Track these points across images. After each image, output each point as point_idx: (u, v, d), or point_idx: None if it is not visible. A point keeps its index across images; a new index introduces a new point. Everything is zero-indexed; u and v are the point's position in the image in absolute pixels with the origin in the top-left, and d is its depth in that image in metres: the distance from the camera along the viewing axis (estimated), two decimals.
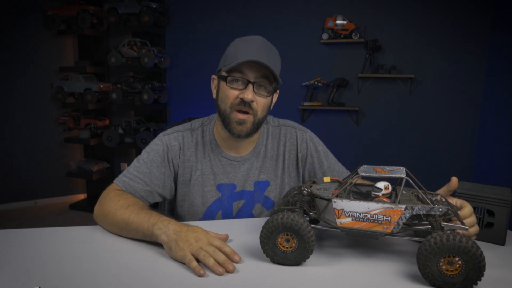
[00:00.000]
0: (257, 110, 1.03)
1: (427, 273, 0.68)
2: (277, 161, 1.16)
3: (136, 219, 0.89)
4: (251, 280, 0.73)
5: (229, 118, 1.03)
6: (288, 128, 1.19)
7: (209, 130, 1.15)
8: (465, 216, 0.82)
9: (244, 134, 1.04)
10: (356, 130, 3.48)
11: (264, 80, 1.02)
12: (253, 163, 1.14)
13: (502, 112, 2.84)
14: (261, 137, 1.16)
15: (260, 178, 1.14)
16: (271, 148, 1.16)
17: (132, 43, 3.49)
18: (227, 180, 1.12)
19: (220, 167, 1.12)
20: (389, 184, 0.78)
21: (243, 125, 1.03)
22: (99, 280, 0.71)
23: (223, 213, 1.12)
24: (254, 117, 1.03)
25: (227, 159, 1.12)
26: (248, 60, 0.97)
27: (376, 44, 3.21)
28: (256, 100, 1.01)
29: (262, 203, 1.13)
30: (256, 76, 1.00)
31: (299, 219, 0.74)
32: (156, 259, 0.81)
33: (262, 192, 1.13)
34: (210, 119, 1.18)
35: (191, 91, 3.83)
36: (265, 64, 0.97)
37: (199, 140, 1.13)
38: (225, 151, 1.13)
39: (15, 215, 3.64)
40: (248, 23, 3.57)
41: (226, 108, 1.03)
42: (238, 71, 1.00)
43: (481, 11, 3.05)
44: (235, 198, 1.13)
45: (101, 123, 3.81)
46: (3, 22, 3.59)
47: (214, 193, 1.12)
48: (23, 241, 0.88)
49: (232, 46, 1.04)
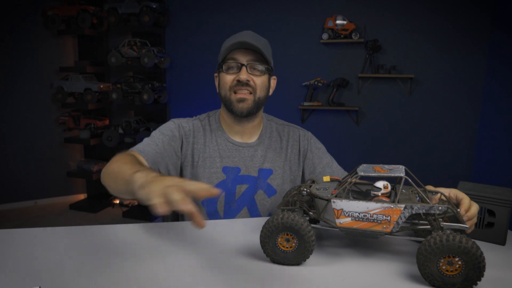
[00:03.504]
0: (255, 88, 1.11)
1: (427, 273, 0.68)
2: (280, 153, 1.22)
3: (126, 167, 0.90)
4: (251, 280, 0.72)
5: (230, 99, 1.12)
6: (292, 127, 1.28)
7: (215, 118, 1.23)
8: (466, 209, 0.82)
9: (245, 111, 1.12)
10: (356, 130, 3.48)
11: (256, 60, 1.10)
12: (257, 151, 1.20)
13: (502, 112, 2.84)
14: (265, 129, 1.24)
15: (264, 166, 1.19)
16: (275, 141, 1.23)
17: (132, 43, 3.49)
18: (232, 164, 1.18)
19: (226, 151, 1.19)
20: (388, 184, 0.78)
21: (244, 102, 1.11)
22: (99, 280, 0.71)
23: (226, 194, 1.16)
24: (254, 95, 1.12)
25: (233, 144, 1.19)
26: (236, 42, 1.06)
27: (376, 44, 3.21)
28: (252, 79, 1.10)
29: (265, 189, 1.18)
30: (248, 59, 1.09)
31: (299, 219, 0.74)
32: (155, 259, 0.81)
33: (265, 179, 1.18)
34: (215, 111, 1.26)
35: (191, 91, 3.83)
36: (252, 44, 1.06)
37: (206, 127, 1.21)
38: (231, 136, 1.20)
39: (15, 215, 3.64)
40: (248, 23, 3.57)
41: (226, 92, 1.12)
42: (231, 58, 1.10)
43: (481, 11, 3.05)
44: (239, 181, 1.17)
45: (101, 123, 3.81)
46: (3, 22, 3.59)
47: (220, 175, 1.16)
48: (23, 241, 0.88)
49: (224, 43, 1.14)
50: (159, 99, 3.71)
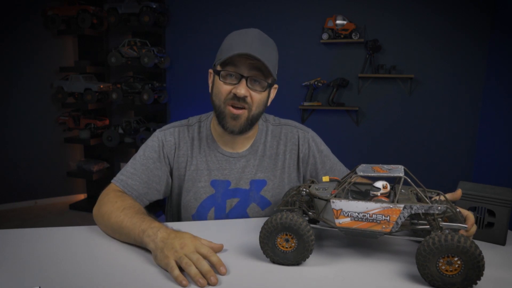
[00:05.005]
0: (251, 105, 1.00)
1: (427, 274, 0.68)
2: (276, 160, 1.13)
3: (129, 223, 0.86)
4: (251, 280, 0.72)
5: (223, 113, 1.01)
6: (289, 127, 1.16)
7: (206, 125, 1.13)
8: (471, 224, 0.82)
9: (237, 129, 1.01)
10: (356, 130, 3.48)
11: (259, 74, 0.98)
12: (250, 161, 1.11)
13: (502, 112, 2.84)
14: (259, 135, 1.13)
15: (256, 177, 1.10)
16: (270, 146, 1.13)
17: (132, 43, 3.49)
18: (222, 177, 1.09)
19: (215, 162, 1.10)
20: (387, 184, 0.78)
21: (237, 120, 1.00)
22: (99, 280, 0.71)
23: (216, 210, 1.09)
24: (249, 113, 1.01)
25: (223, 155, 1.10)
26: (240, 53, 0.93)
27: (376, 44, 3.20)
28: (251, 95, 0.99)
29: (258, 202, 1.10)
30: (250, 70, 0.97)
31: (298, 219, 0.74)
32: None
33: (258, 191, 1.10)
34: (208, 115, 1.16)
35: (191, 91, 3.83)
36: (258, 58, 0.93)
37: (195, 136, 1.11)
38: (222, 146, 1.10)
39: (15, 215, 3.64)
40: (248, 23, 3.56)
41: (220, 103, 1.01)
42: (232, 64, 0.97)
43: (481, 11, 3.05)
44: (229, 196, 1.09)
45: (101, 123, 3.81)
46: (3, 22, 3.59)
47: (208, 189, 1.08)
48: (23, 241, 0.88)
49: (228, 39, 1.02)
50: (159, 99, 3.71)
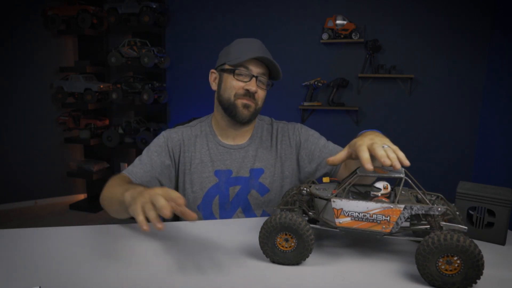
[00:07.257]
0: (258, 100, 1.17)
1: (426, 273, 0.68)
2: (271, 151, 1.25)
3: (117, 189, 0.95)
4: (251, 280, 0.73)
5: (233, 105, 1.15)
6: (281, 124, 1.32)
7: (207, 123, 1.27)
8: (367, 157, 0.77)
9: (247, 118, 1.16)
10: (356, 130, 3.46)
11: (264, 76, 1.17)
12: (248, 152, 1.24)
13: (502, 112, 2.84)
14: (256, 130, 1.28)
15: (255, 166, 1.22)
16: (265, 140, 1.27)
17: (132, 43, 3.49)
18: (224, 167, 1.21)
19: (217, 154, 1.22)
20: (388, 184, 0.78)
21: (248, 109, 1.15)
22: (99, 280, 0.71)
23: (220, 197, 1.19)
24: (255, 106, 1.18)
25: (224, 147, 1.23)
26: (256, 57, 1.12)
27: (376, 44, 3.21)
28: (258, 92, 1.16)
29: (257, 189, 1.21)
30: (259, 71, 1.15)
31: (297, 219, 0.74)
32: (155, 259, 0.82)
33: (257, 179, 1.21)
34: (207, 117, 1.31)
35: (191, 91, 3.83)
36: (271, 60, 1.13)
37: (197, 133, 1.25)
38: (223, 140, 1.24)
39: (15, 215, 3.64)
40: (248, 23, 3.57)
41: (231, 97, 1.15)
42: (244, 66, 1.13)
43: (481, 11, 3.05)
44: (231, 183, 1.20)
45: (101, 123, 3.81)
46: (3, 22, 3.59)
47: (212, 179, 1.20)
48: (23, 241, 0.88)
49: (236, 44, 1.18)
50: (159, 99, 3.71)
